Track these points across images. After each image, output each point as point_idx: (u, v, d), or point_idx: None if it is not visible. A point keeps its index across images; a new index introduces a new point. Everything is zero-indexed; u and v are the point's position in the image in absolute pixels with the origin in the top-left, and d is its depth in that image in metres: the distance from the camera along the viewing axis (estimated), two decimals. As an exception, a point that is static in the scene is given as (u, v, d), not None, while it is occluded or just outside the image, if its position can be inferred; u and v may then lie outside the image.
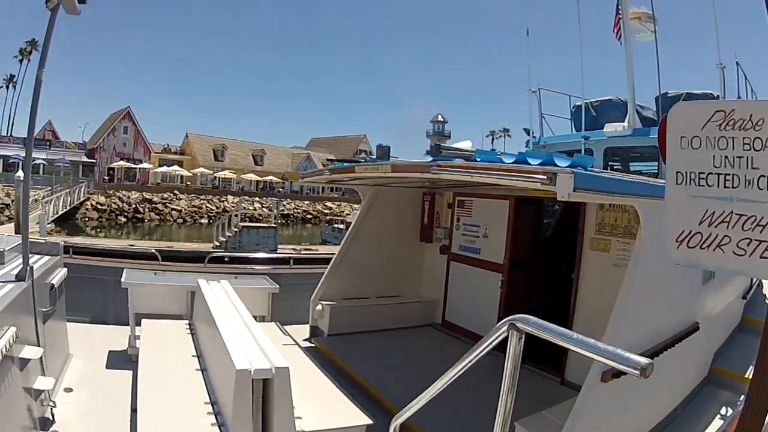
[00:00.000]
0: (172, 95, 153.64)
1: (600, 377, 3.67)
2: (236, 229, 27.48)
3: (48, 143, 59.40)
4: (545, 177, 3.47)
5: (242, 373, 3.35)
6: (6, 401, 4.09)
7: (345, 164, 6.92)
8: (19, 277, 4.80)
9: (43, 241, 6.45)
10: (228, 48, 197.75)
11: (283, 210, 57.30)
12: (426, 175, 4.90)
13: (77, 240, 28.60)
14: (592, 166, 4.03)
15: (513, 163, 4.00)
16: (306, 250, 28.04)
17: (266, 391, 3.43)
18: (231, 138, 69.58)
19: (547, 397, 4.99)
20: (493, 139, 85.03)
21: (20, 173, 28.21)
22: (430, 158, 5.01)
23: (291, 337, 6.66)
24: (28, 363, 4.54)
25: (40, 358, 5.01)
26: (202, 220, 53.03)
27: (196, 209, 54.70)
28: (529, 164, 3.78)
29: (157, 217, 52.26)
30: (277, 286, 7.16)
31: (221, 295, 5.66)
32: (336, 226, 37.50)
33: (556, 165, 3.64)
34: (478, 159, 4.53)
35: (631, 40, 10.08)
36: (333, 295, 7.80)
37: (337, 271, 7.86)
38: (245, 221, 29.79)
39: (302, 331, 7.77)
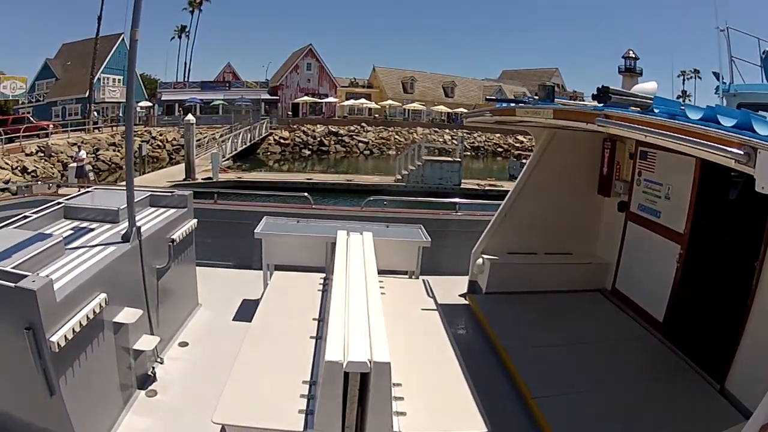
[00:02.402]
0: (355, 31, 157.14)
1: None
2: (419, 163, 27.39)
3: (227, 84, 63.43)
4: (741, 152, 2.48)
5: (332, 365, 2.94)
6: (99, 363, 4.15)
7: (507, 105, 6.05)
8: (125, 238, 4.79)
9: (170, 194, 6.34)
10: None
11: (473, 143, 56.52)
12: (591, 126, 3.94)
13: (250, 175, 30.68)
14: None
15: (700, 121, 2.95)
16: (491, 185, 27.46)
17: (363, 386, 3.00)
18: (420, 70, 69.26)
19: (699, 411, 4.39)
20: (684, 80, 76.50)
21: (190, 116, 29.35)
22: (596, 105, 4.06)
23: (438, 295, 5.70)
24: (126, 325, 4.49)
25: (149, 316, 5.03)
26: (390, 152, 53.37)
27: (384, 141, 55.34)
28: (720, 127, 2.74)
29: (343, 149, 53.61)
30: (429, 239, 6.37)
31: (355, 252, 5.13)
32: (524, 161, 35.97)
33: (757, 134, 2.54)
34: (656, 110, 3.49)
35: None
36: (497, 248, 6.99)
37: (503, 221, 7.01)
38: (433, 153, 29.97)
39: (460, 285, 7.18)
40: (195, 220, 6.20)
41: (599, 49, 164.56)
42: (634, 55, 56.80)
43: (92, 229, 5.25)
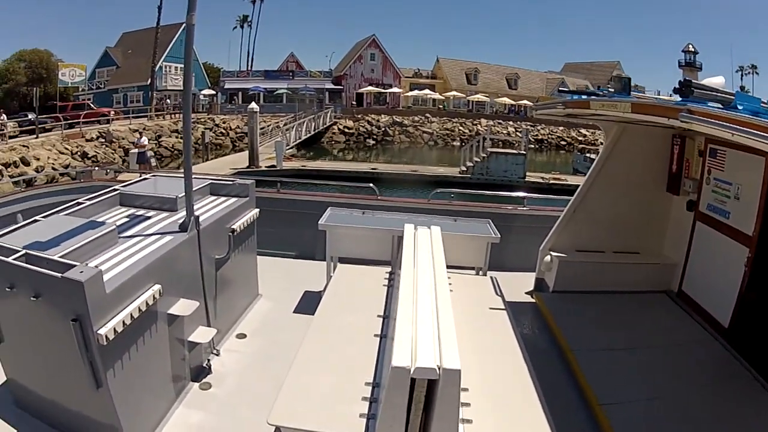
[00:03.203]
0: (418, 21, 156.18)
1: None
2: (484, 155, 27.23)
3: (291, 73, 64.46)
4: None
5: (399, 371, 2.70)
6: (150, 355, 4.08)
7: (580, 97, 5.78)
8: (182, 227, 4.71)
9: (231, 182, 6.26)
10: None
11: (537, 135, 55.72)
12: (672, 121, 3.81)
13: (314, 163, 30.97)
14: None
15: None
16: (555, 179, 27.06)
17: (430, 393, 2.79)
18: (483, 62, 68.64)
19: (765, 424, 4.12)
20: (742, 75, 73.51)
21: (253, 104, 29.42)
22: (678, 99, 3.91)
23: (505, 292, 5.44)
24: (181, 317, 4.41)
25: (206, 307, 4.97)
26: (455, 143, 53.03)
27: (448, 132, 55.02)
28: None
29: (407, 139, 53.47)
30: (498, 235, 6.15)
31: (423, 247, 4.80)
32: (588, 155, 35.14)
33: None
34: (739, 107, 3.37)
35: None
36: (565, 245, 6.75)
37: (572, 218, 6.77)
38: (497, 146, 29.82)
39: (526, 282, 6.97)
40: (257, 210, 6.13)
41: (657, 42, 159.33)
42: (693, 49, 54.76)
43: (148, 218, 5.18)
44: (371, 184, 8.46)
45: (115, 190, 5.72)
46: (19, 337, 4.08)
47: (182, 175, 6.04)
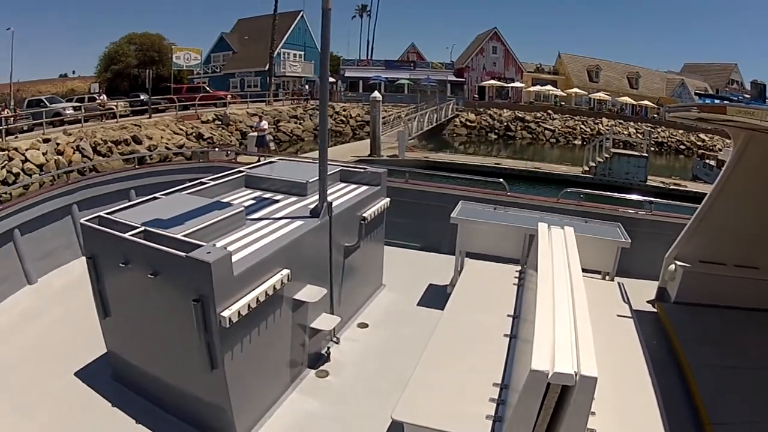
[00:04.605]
0: (540, 15, 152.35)
1: None
2: (607, 155, 26.68)
3: (412, 64, 64.48)
4: None
5: (536, 375, 2.60)
6: (270, 340, 4.10)
7: (715, 102, 5.81)
8: (314, 213, 4.69)
9: (362, 170, 6.22)
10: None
11: (656, 138, 53.58)
12: None
13: (436, 155, 30.65)
14: None
15: None
16: (675, 185, 26.12)
17: (562, 399, 2.69)
18: (604, 59, 66.54)
19: None
20: None
21: (376, 93, 29.31)
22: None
23: (631, 300, 5.33)
24: (306, 303, 4.40)
25: (330, 295, 4.91)
26: (576, 141, 51.80)
27: (569, 130, 53.73)
28: None
29: (529, 135, 52.37)
30: (629, 240, 5.99)
31: (558, 248, 4.54)
32: (707, 162, 33.52)
33: None
34: None
35: None
36: (689, 255, 6.50)
37: (698, 227, 6.52)
38: (618, 147, 28.57)
39: (647, 290, 6.73)
40: (388, 199, 6.10)
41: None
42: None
43: (276, 201, 5.17)
44: (501, 180, 8.19)
45: (240, 171, 5.82)
46: (127, 312, 4.16)
47: (308, 160, 6.49)
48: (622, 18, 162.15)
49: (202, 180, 5.40)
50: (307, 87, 56.35)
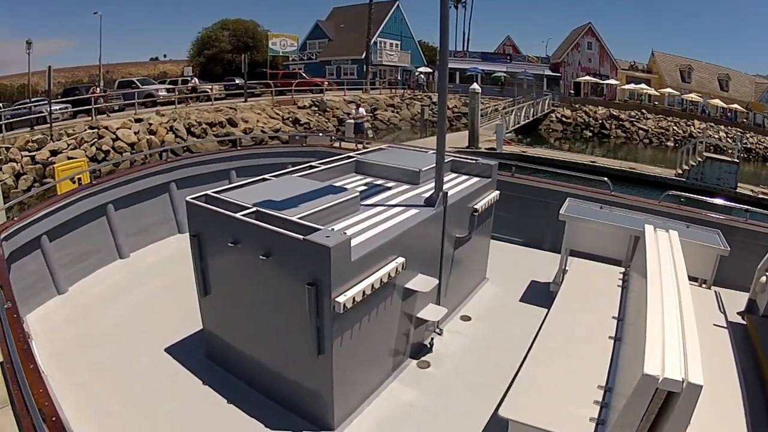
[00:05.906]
0: (635, 10, 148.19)
1: None
2: (699, 159, 25.50)
3: (508, 57, 63.23)
4: None
5: (648, 379, 2.55)
6: (378, 327, 4.05)
7: None
8: (429, 202, 4.64)
9: (474, 161, 6.15)
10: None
11: (745, 143, 51.83)
12: None
13: (533, 150, 30.17)
14: None
15: None
16: (763, 193, 25.29)
17: (666, 404, 2.64)
18: (697, 59, 64.61)
19: None
20: None
21: (475, 86, 28.96)
22: None
23: (726, 310, 5.15)
24: (416, 292, 4.35)
25: (438, 286, 4.83)
26: (668, 143, 50.01)
27: (662, 131, 51.94)
28: None
29: (623, 135, 50.97)
30: (729, 248, 5.70)
31: (665, 252, 4.33)
32: (798, 170, 32.46)
33: None
34: None
35: None
36: None
37: None
38: (708, 150, 26.80)
39: (738, 301, 6.14)
40: (497, 192, 5.99)
41: None
42: None
43: (388, 188, 5.15)
44: (606, 179, 7.83)
45: (350, 157, 5.79)
46: (229, 292, 4.12)
47: (417, 149, 6.50)
48: (713, 15, 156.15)
49: (312, 164, 5.40)
50: (421, 76, 55.86)
